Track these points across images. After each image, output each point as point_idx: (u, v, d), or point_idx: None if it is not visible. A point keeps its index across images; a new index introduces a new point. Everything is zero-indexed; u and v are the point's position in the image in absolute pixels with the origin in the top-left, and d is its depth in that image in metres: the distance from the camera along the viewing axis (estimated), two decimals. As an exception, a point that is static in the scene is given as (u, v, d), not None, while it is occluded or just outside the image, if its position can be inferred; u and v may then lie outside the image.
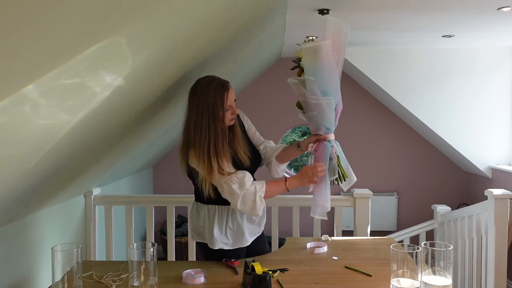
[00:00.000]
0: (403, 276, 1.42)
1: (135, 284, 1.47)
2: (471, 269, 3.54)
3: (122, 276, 1.73)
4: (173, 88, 2.05)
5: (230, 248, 1.94)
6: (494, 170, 4.38)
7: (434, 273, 1.38)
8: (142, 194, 4.66)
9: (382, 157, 5.03)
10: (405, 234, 4.10)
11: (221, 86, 1.85)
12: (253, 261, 1.66)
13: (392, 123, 5.01)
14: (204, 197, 1.91)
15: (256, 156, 2.04)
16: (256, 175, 2.01)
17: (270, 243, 2.62)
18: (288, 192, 1.94)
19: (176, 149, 3.66)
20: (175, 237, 3.55)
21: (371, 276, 1.72)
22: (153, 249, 1.47)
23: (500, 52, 4.22)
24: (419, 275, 1.39)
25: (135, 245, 1.49)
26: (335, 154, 2.00)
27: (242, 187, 1.81)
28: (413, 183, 5.03)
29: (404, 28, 3.23)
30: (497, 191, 3.23)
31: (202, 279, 1.69)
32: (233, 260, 1.85)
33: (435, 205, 4.19)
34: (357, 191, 2.93)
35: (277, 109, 4.91)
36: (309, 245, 2.09)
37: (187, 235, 4.15)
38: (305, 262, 1.92)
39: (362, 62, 4.21)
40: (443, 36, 3.54)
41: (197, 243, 2.05)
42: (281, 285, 1.64)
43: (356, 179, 2.06)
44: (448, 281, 1.36)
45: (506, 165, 4.32)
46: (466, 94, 4.27)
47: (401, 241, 3.97)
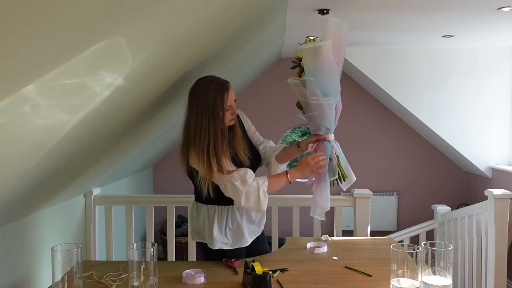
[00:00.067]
0: (403, 276, 1.42)
1: (135, 284, 1.47)
2: (471, 269, 3.54)
3: (122, 276, 1.73)
4: (173, 88, 2.05)
5: (229, 248, 1.94)
6: (494, 170, 4.38)
7: (434, 273, 1.38)
8: (142, 194, 4.66)
9: (382, 157, 5.03)
10: (405, 234, 4.10)
11: (221, 86, 1.85)
12: (253, 261, 1.66)
13: (392, 123, 5.01)
14: (203, 197, 1.91)
15: (256, 156, 2.04)
16: (256, 175, 2.01)
17: (270, 243, 2.62)
18: (290, 184, 1.93)
19: (176, 149, 3.66)
20: (175, 237, 3.55)
21: (371, 276, 1.72)
22: (153, 249, 1.47)
23: (500, 52, 4.22)
24: (419, 275, 1.39)
25: (135, 245, 1.49)
26: (335, 154, 2.00)
27: (244, 183, 1.81)
28: (413, 183, 5.03)
29: (404, 28, 3.23)
30: (497, 191, 3.23)
31: (202, 279, 1.69)
32: (233, 260, 1.85)
33: (435, 205, 4.19)
34: (357, 191, 2.93)
35: (277, 109, 4.91)
36: (309, 245, 2.09)
37: (187, 235, 4.15)
38: (305, 262, 1.91)
39: (362, 62, 4.21)
40: (443, 36, 3.54)
41: (197, 243, 2.05)
42: (281, 285, 1.64)
43: (355, 179, 2.06)
44: (448, 281, 1.36)
45: (506, 165, 4.32)
46: (466, 94, 4.27)
47: (401, 241, 3.97)
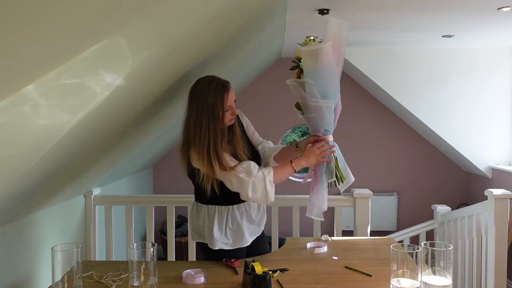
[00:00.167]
0: (403, 276, 1.42)
1: (135, 284, 1.47)
2: (471, 269, 3.54)
3: (122, 276, 1.73)
4: (173, 88, 2.05)
5: (230, 248, 1.94)
6: (494, 170, 4.38)
7: (434, 273, 1.38)
8: (142, 194, 4.66)
9: (382, 157, 5.03)
10: (405, 234, 4.10)
11: (222, 86, 1.85)
12: (253, 261, 1.66)
13: (392, 123, 5.01)
14: (204, 197, 1.91)
15: (255, 155, 2.04)
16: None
17: (270, 243, 2.61)
18: (296, 173, 1.93)
19: (176, 149, 3.66)
20: (175, 237, 3.55)
21: (371, 276, 1.72)
22: (153, 249, 1.47)
23: (500, 52, 4.22)
24: (419, 275, 1.39)
25: (135, 245, 1.49)
26: (333, 156, 1.99)
27: (250, 174, 1.81)
28: (413, 183, 5.03)
29: (404, 28, 3.23)
30: (497, 191, 3.23)
31: (202, 279, 1.69)
32: (233, 260, 1.85)
33: (435, 205, 4.19)
34: (357, 191, 2.92)
35: (277, 109, 4.91)
36: (309, 245, 2.09)
37: (187, 235, 4.15)
38: (305, 262, 1.91)
39: (362, 62, 4.21)
40: (443, 36, 3.54)
41: (197, 243, 2.05)
42: (281, 285, 1.64)
43: (354, 179, 2.05)
44: (448, 281, 1.36)
45: (506, 165, 4.32)
46: (466, 94, 4.27)
47: (401, 241, 3.97)
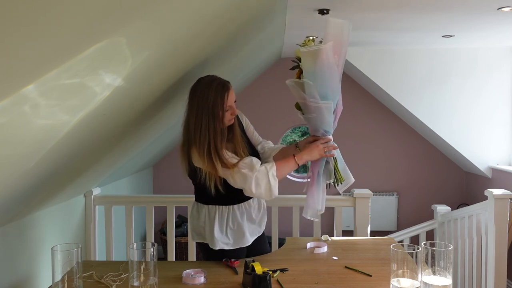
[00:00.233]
0: (403, 276, 1.42)
1: (135, 284, 1.47)
2: (471, 269, 3.54)
3: (122, 276, 1.73)
4: (173, 88, 2.05)
5: (231, 248, 1.94)
6: (494, 170, 4.38)
7: (434, 273, 1.38)
8: (142, 194, 4.66)
9: (382, 157, 5.03)
10: (405, 234, 4.10)
11: (222, 86, 1.84)
12: (253, 261, 1.66)
13: (392, 123, 5.01)
14: (205, 197, 1.91)
15: (255, 155, 2.03)
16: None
17: (270, 243, 2.61)
18: (299, 167, 1.92)
19: (176, 149, 3.66)
20: (175, 237, 3.55)
21: (371, 276, 1.72)
22: (153, 249, 1.47)
23: (500, 52, 4.22)
24: (419, 275, 1.39)
25: (135, 245, 1.48)
26: (333, 157, 1.99)
27: (252, 169, 1.80)
28: (413, 183, 5.03)
29: (404, 28, 3.23)
30: (497, 191, 3.23)
31: (202, 279, 1.69)
32: (233, 260, 1.85)
33: (435, 205, 4.19)
34: (357, 191, 2.92)
35: (277, 109, 4.91)
36: (309, 245, 2.09)
37: (187, 235, 4.15)
38: (305, 262, 1.91)
39: (362, 62, 4.21)
40: (443, 36, 3.54)
41: (197, 243, 2.04)
42: (281, 285, 1.64)
43: (353, 180, 2.05)
44: (448, 281, 1.36)
45: (506, 165, 4.32)
46: (466, 94, 4.27)
47: (401, 241, 3.97)
